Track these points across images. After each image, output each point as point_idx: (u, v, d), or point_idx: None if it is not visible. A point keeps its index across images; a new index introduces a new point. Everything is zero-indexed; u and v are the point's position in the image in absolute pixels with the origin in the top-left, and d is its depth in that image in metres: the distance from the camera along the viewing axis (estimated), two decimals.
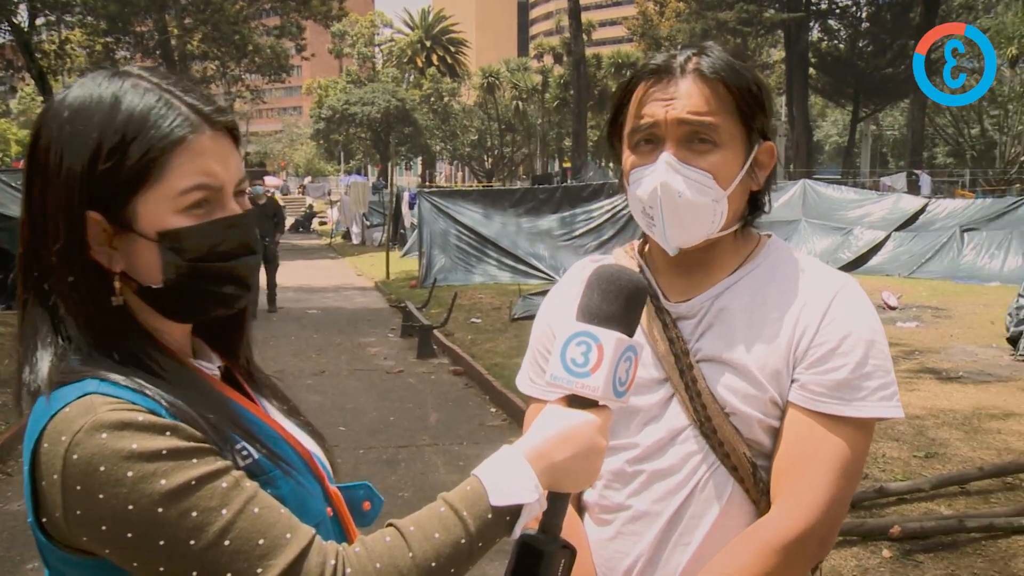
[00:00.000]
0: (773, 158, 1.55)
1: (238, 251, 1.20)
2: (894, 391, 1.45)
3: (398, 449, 7.11)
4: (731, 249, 1.58)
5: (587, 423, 1.18)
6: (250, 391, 1.34)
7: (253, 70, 40.28)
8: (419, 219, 18.91)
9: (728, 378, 1.47)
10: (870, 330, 1.46)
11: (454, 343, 11.24)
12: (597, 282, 1.23)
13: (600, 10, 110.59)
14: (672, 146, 1.45)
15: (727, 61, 1.46)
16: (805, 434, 1.43)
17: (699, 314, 1.53)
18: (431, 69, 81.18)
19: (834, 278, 1.52)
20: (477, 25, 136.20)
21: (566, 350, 1.20)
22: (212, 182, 1.16)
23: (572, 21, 38.80)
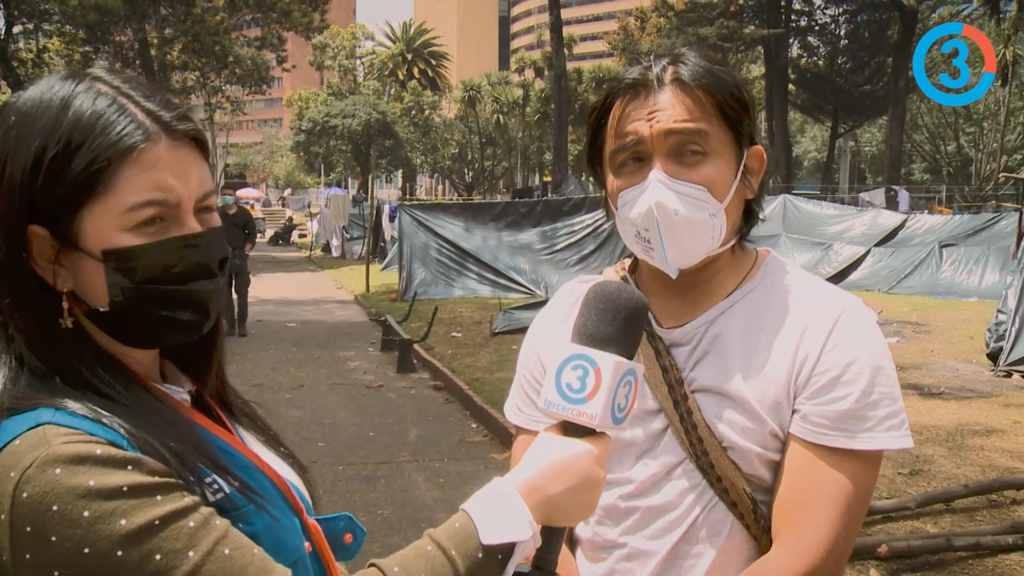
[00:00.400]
0: (763, 162, 1.45)
1: (195, 273, 1.09)
2: (903, 419, 1.34)
3: (378, 465, 7.00)
4: (728, 268, 1.47)
5: (584, 453, 1.10)
6: (224, 418, 1.24)
7: (234, 81, 40.16)
8: (399, 232, 18.81)
9: (725, 410, 1.37)
10: (876, 355, 1.35)
11: (434, 357, 11.13)
12: (594, 301, 1.15)
13: (581, 25, 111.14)
14: (660, 162, 1.35)
15: (705, 67, 1.38)
16: (808, 469, 1.33)
17: (693, 341, 1.43)
18: (412, 82, 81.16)
19: (836, 299, 1.41)
20: (458, 38, 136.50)
21: (561, 374, 1.12)
22: (166, 197, 1.05)
23: (554, 35, 38.97)
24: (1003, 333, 10.36)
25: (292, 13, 35.27)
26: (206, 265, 1.11)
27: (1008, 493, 5.72)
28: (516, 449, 1.61)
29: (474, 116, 72.74)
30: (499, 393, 8.89)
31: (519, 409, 1.62)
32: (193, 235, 1.08)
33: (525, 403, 1.60)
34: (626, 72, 1.41)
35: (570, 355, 1.13)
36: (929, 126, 50.36)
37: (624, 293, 1.15)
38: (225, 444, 1.15)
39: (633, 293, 1.16)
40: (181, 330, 1.11)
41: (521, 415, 1.61)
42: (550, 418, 1.14)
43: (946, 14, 47.01)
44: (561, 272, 17.97)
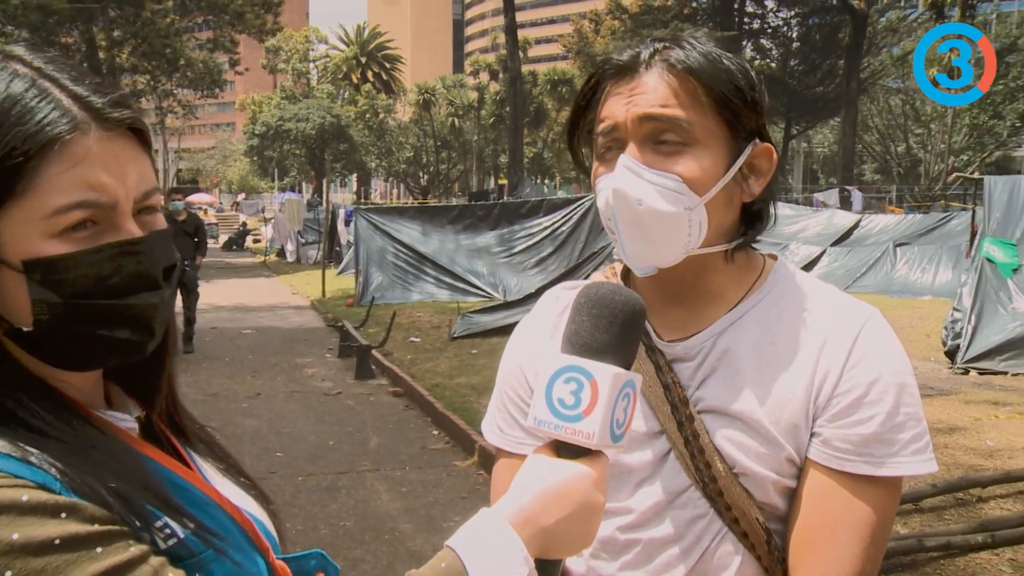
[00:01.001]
0: (772, 163, 1.29)
1: (135, 285, 0.94)
2: (927, 441, 1.22)
3: (338, 475, 6.84)
4: (731, 275, 1.33)
5: (582, 476, 0.98)
6: (178, 447, 1.09)
7: (185, 85, 39.60)
8: (355, 236, 18.59)
9: (736, 434, 1.24)
10: (900, 372, 1.22)
11: (393, 363, 10.98)
12: (587, 305, 1.03)
13: (536, 28, 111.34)
14: (634, 148, 1.22)
15: (703, 51, 1.23)
16: (827, 497, 1.21)
17: (699, 356, 1.29)
18: (366, 85, 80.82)
19: (856, 310, 1.28)
20: (413, 42, 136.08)
21: (552, 388, 1.00)
22: (99, 198, 0.90)
23: (508, 38, 38.88)
24: (960, 331, 10.46)
25: (245, 15, 34.81)
26: (148, 275, 0.95)
27: (974, 491, 5.72)
28: (497, 474, 1.46)
29: (429, 119, 72.53)
30: (460, 399, 8.78)
31: (500, 430, 1.46)
32: (132, 241, 0.93)
33: (507, 423, 1.44)
34: (618, 52, 1.28)
35: (561, 367, 1.00)
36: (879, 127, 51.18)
37: (620, 295, 1.03)
38: (179, 479, 1.00)
39: (630, 295, 1.04)
40: (121, 351, 0.96)
41: (502, 436, 1.45)
42: (540, 437, 1.02)
43: (894, 18, 47.85)
44: (519, 275, 17.91)
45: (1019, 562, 4.76)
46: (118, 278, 0.93)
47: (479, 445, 7.11)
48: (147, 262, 0.95)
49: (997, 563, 4.73)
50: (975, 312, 10.51)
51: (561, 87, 69.67)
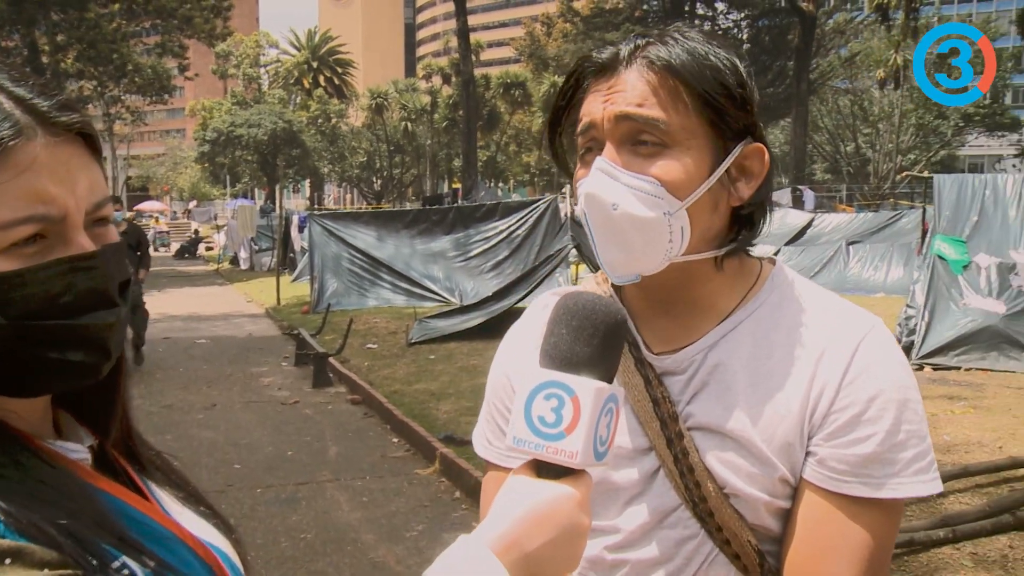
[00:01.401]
0: (765, 164, 1.21)
1: (88, 303, 0.87)
2: (931, 460, 1.15)
3: (298, 486, 6.73)
4: (725, 283, 1.25)
5: (565, 498, 0.91)
6: (135, 477, 1.00)
7: (133, 90, 38.99)
8: (310, 243, 18.43)
9: (727, 453, 1.18)
10: (902, 387, 1.15)
11: (351, 370, 10.87)
12: (566, 317, 0.97)
13: (488, 31, 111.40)
14: (611, 149, 1.16)
15: (687, 47, 1.16)
16: (823, 520, 1.14)
17: (689, 369, 1.22)
18: (318, 90, 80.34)
19: (856, 321, 1.20)
20: (364, 46, 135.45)
21: (531, 406, 0.94)
22: (48, 210, 0.83)
23: (461, 42, 38.90)
24: (913, 327, 10.61)
25: (194, 20, 34.38)
26: (103, 292, 0.88)
27: None
28: (486, 488, 1.40)
29: (382, 124, 72.31)
30: (419, 405, 8.71)
31: (488, 442, 1.41)
32: (84, 256, 0.86)
33: (496, 435, 1.38)
34: (599, 50, 1.22)
35: (541, 383, 0.95)
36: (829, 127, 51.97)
37: (600, 305, 0.97)
38: (137, 513, 0.92)
39: (611, 305, 0.98)
40: (74, 375, 0.88)
41: (491, 449, 1.39)
42: (520, 456, 0.96)
43: (841, 20, 48.57)
44: (476, 279, 17.85)
45: (980, 555, 4.81)
46: (70, 296, 0.85)
47: (440, 452, 7.05)
48: (101, 278, 0.88)
49: (959, 557, 4.78)
50: (928, 308, 10.67)
51: (514, 90, 69.85)
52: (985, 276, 10.80)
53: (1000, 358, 10.17)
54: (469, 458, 6.80)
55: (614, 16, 49.37)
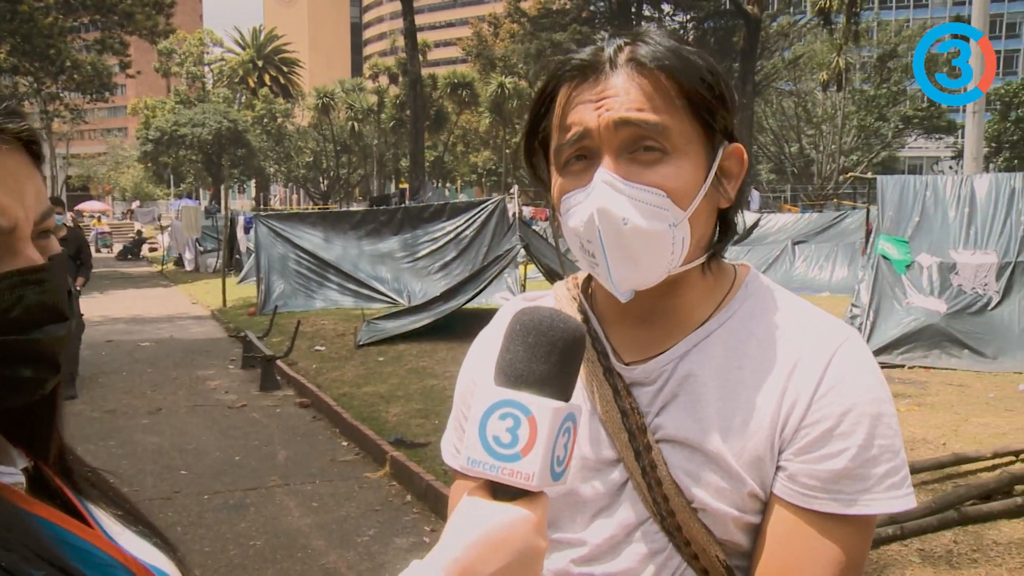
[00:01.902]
0: (743, 164, 1.19)
1: (39, 318, 0.83)
2: (904, 475, 1.11)
3: (246, 492, 6.62)
4: (700, 290, 1.22)
5: (521, 521, 0.88)
6: (73, 499, 0.94)
7: (72, 88, 38.17)
8: (256, 244, 18.22)
9: (695, 466, 1.14)
10: (876, 400, 1.11)
11: (299, 373, 10.74)
12: (522, 333, 0.93)
13: (435, 31, 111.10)
14: (610, 159, 1.10)
15: (670, 46, 1.12)
16: (793, 537, 1.11)
17: (659, 380, 1.18)
18: (264, 89, 79.52)
19: (831, 332, 1.16)
20: (310, 45, 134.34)
21: (486, 425, 0.91)
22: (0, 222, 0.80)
23: (408, 41, 38.73)
24: (858, 326, 10.76)
25: (135, 16, 33.74)
26: (53, 305, 0.84)
27: None
28: (454, 498, 1.35)
29: (328, 124, 71.85)
30: (368, 408, 8.63)
31: (457, 451, 1.36)
32: (34, 268, 0.82)
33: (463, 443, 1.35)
34: (576, 52, 1.16)
35: (496, 401, 0.91)
36: (774, 128, 52.71)
37: (558, 321, 0.94)
38: (77, 540, 0.87)
39: (569, 321, 0.94)
40: (20, 391, 0.84)
41: (458, 457, 1.34)
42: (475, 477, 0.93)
43: (785, 23, 49.31)
44: (423, 280, 17.79)
45: (926, 551, 4.88)
46: (19, 310, 0.81)
47: (390, 456, 6.99)
48: (52, 291, 0.84)
49: (907, 553, 4.84)
50: (872, 308, 10.85)
51: (461, 90, 69.78)
52: (927, 275, 11.02)
53: (942, 356, 10.39)
54: (420, 461, 6.75)
55: (561, 17, 49.59)
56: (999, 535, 5.05)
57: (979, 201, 11.57)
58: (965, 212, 11.54)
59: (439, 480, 6.24)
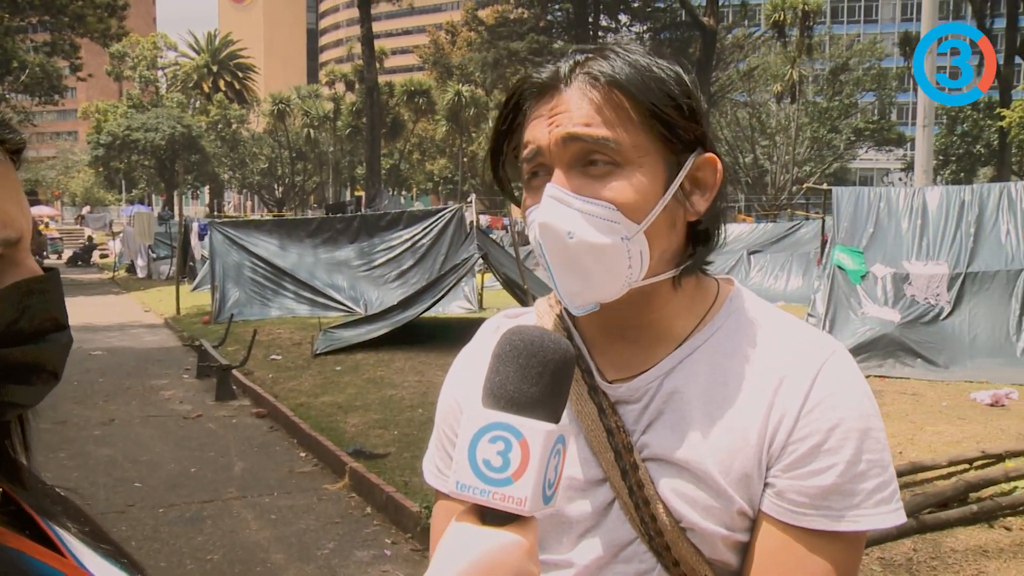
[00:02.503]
0: (717, 174, 1.15)
1: (44, 328, 0.83)
2: (893, 490, 1.11)
3: (203, 505, 6.50)
4: (677, 305, 1.19)
5: (513, 547, 0.86)
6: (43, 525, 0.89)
7: (20, 90, 37.48)
8: (211, 251, 18.01)
9: (682, 484, 1.12)
10: (863, 415, 1.10)
11: (255, 383, 10.61)
12: (512, 354, 0.91)
13: (392, 38, 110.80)
14: (561, 174, 1.09)
15: (628, 60, 1.10)
16: (783, 554, 1.10)
17: (644, 398, 1.17)
18: (218, 95, 78.70)
19: (817, 347, 1.14)
20: (266, 51, 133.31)
21: (476, 449, 0.89)
22: (8, 234, 0.79)
23: (365, 48, 38.59)
24: None
25: (86, 18, 33.22)
26: (56, 315, 0.85)
27: None
28: (436, 519, 1.32)
29: (284, 130, 71.33)
30: (326, 418, 8.55)
31: (439, 471, 1.33)
32: (38, 279, 0.83)
33: (446, 463, 1.30)
34: (538, 70, 1.16)
35: (486, 424, 0.89)
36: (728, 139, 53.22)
37: (548, 342, 0.92)
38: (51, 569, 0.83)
39: (560, 342, 0.93)
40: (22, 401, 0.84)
41: (441, 478, 1.32)
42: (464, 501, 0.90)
43: (740, 35, 49.95)
44: (380, 288, 17.72)
45: (887, 559, 4.92)
46: (25, 321, 0.81)
47: (349, 467, 6.92)
48: (54, 301, 0.85)
49: (868, 562, 4.88)
50: (829, 317, 11.00)
51: (418, 98, 69.62)
52: (881, 286, 11.19)
53: (896, 365, 10.53)
54: (380, 472, 6.70)
55: (519, 26, 49.78)
56: (956, 542, 5.11)
57: (931, 213, 11.78)
58: (917, 224, 11.75)
59: (400, 492, 6.19)
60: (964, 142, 52.76)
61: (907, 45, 57.37)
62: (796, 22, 43.12)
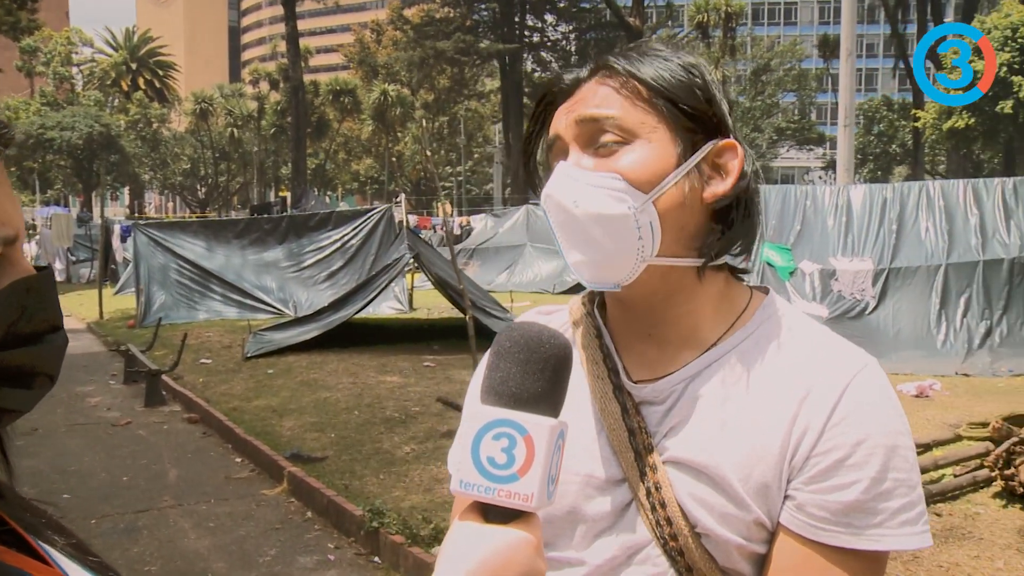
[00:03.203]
0: (739, 160, 1.15)
1: (41, 328, 0.80)
2: (921, 511, 1.09)
3: (137, 515, 6.34)
4: (708, 305, 1.19)
5: (522, 544, 0.86)
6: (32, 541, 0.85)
7: None
8: (135, 254, 17.62)
9: (700, 489, 1.11)
10: (892, 432, 1.08)
11: (185, 388, 10.41)
12: (512, 351, 0.92)
13: (316, 36, 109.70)
14: (574, 154, 1.14)
15: (643, 51, 1.17)
16: (799, 569, 1.09)
17: (668, 400, 1.16)
18: (138, 93, 76.88)
19: (848, 360, 1.12)
20: (186, 48, 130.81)
21: (479, 446, 0.88)
22: (7, 232, 0.77)
23: (290, 47, 38.19)
24: None
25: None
26: (53, 315, 0.82)
27: None
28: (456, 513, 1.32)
29: (206, 130, 70.13)
30: (260, 423, 8.42)
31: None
32: (34, 278, 0.80)
33: None
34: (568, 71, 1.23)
35: (490, 421, 0.89)
36: None
37: (547, 337, 0.93)
38: None
39: (558, 337, 0.94)
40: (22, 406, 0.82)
41: None
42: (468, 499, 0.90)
43: (665, 36, 50.54)
44: (310, 290, 17.55)
45: None
46: (24, 322, 0.78)
47: (287, 471, 6.82)
48: (49, 301, 0.82)
49: None
50: None
51: (343, 97, 69.10)
52: (809, 282, 11.44)
53: None
54: (319, 476, 6.62)
55: (445, 25, 49.68)
56: None
57: (855, 211, 12.08)
58: (843, 221, 12.04)
59: (341, 495, 6.13)
60: (881, 141, 54.31)
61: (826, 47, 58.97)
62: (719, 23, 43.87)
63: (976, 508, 5.62)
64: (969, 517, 5.47)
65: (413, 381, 10.21)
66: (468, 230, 32.20)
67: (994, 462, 5.85)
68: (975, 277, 11.29)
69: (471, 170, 75.78)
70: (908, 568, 4.71)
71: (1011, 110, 37.28)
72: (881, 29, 74.73)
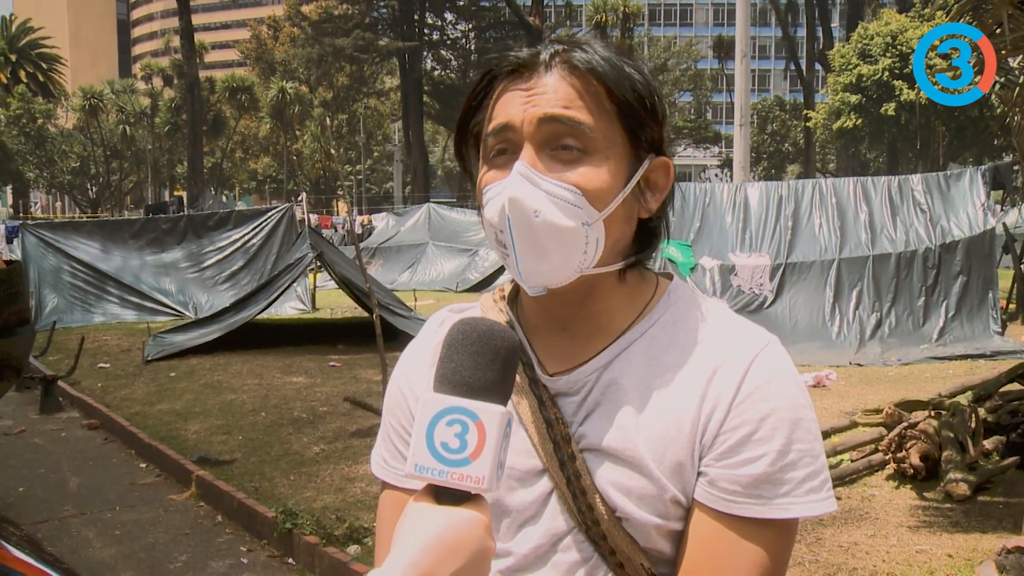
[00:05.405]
0: (670, 178, 1.21)
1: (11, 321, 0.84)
2: (824, 479, 1.14)
3: (36, 526, 6.11)
4: (619, 298, 1.22)
5: (474, 523, 0.92)
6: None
7: None
8: (24, 255, 16.96)
9: (618, 474, 1.15)
10: (794, 406, 1.13)
11: (83, 393, 10.09)
12: (464, 343, 0.97)
13: (211, 32, 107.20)
14: (530, 153, 1.12)
15: (607, 56, 1.15)
16: (715, 541, 1.13)
17: (583, 390, 1.20)
18: (19, 87, 73.82)
19: (750, 339, 1.18)
20: (72, 41, 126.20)
21: (433, 432, 0.93)
22: None
23: (184, 42, 37.29)
24: None
25: None
26: (22, 309, 0.86)
27: None
28: (383, 509, 1.33)
29: (97, 127, 67.84)
30: (164, 427, 8.24)
31: (385, 462, 1.34)
32: (4, 271, 0.84)
33: (392, 455, 1.32)
34: (514, 50, 1.19)
35: (444, 408, 0.94)
36: None
37: (498, 331, 0.98)
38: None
39: (508, 331, 0.99)
40: None
41: (387, 469, 1.33)
42: (419, 483, 0.95)
43: (564, 35, 51.02)
44: (210, 291, 17.22)
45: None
46: None
47: (195, 475, 6.69)
48: (20, 293, 0.84)
49: None
50: None
51: (240, 94, 67.77)
52: (710, 277, 11.75)
53: None
54: (228, 479, 6.52)
55: (344, 22, 49.21)
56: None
57: (752, 207, 12.47)
58: (741, 218, 12.41)
59: (251, 498, 6.05)
60: (774, 140, 55.91)
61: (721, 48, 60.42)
62: (617, 23, 44.52)
63: (871, 490, 5.89)
64: (865, 499, 5.73)
65: (319, 381, 10.13)
66: (369, 229, 31.98)
67: (887, 446, 6.13)
68: (866, 271, 11.78)
69: (371, 168, 75.22)
70: (812, 549, 4.90)
71: (894, 112, 38.91)
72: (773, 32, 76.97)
